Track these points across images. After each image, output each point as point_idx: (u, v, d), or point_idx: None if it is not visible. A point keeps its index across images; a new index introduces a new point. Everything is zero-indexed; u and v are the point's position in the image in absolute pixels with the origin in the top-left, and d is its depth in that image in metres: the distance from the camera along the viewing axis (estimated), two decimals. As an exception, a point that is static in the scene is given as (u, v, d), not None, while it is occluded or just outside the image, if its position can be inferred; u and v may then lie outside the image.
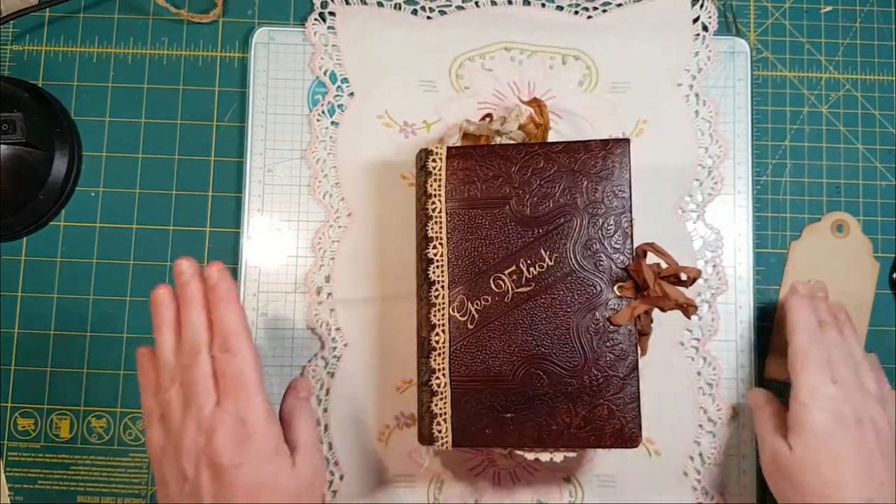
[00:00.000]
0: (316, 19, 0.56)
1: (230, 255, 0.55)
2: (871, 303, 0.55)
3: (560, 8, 0.56)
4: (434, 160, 0.47)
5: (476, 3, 0.56)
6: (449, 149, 0.47)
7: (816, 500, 0.44)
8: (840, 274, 0.55)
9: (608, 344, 0.45)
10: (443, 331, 0.46)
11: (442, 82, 0.55)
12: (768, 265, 0.55)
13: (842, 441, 0.44)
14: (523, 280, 0.46)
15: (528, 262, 0.46)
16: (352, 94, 0.55)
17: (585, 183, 0.46)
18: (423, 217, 0.47)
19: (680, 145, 0.55)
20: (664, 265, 0.45)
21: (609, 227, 0.45)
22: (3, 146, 0.50)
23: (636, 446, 0.45)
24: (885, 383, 0.49)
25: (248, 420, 0.40)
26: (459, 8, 0.56)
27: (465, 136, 0.52)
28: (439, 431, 0.45)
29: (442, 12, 0.56)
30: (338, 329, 0.54)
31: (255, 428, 0.40)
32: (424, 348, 0.46)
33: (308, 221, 0.55)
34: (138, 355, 0.45)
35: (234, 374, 0.40)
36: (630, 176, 0.46)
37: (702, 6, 0.56)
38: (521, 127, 0.51)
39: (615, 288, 0.45)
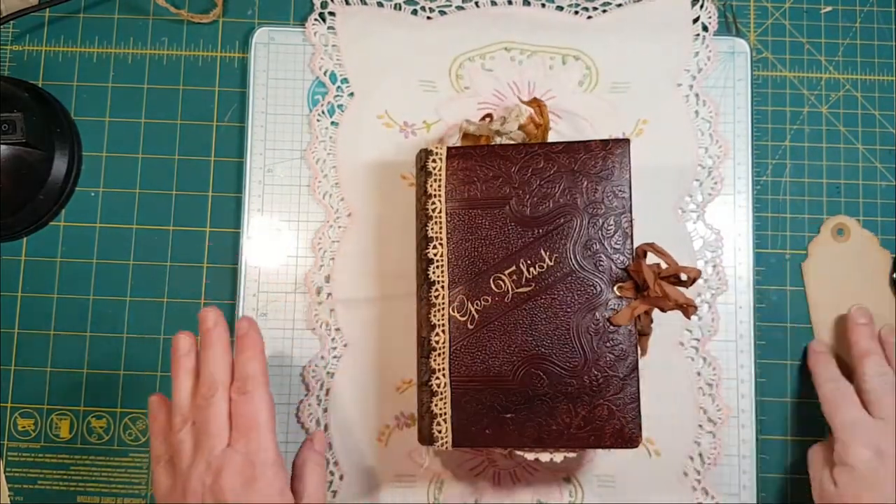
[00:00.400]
0: (316, 19, 0.56)
1: (230, 255, 0.55)
2: (891, 296, 0.55)
3: (560, 8, 0.56)
4: (434, 160, 0.47)
5: (476, 3, 0.56)
6: (449, 149, 0.47)
7: None
8: (856, 276, 0.55)
9: (608, 344, 0.45)
10: (443, 331, 0.46)
11: (442, 82, 0.55)
12: (768, 265, 0.55)
13: (883, 477, 0.45)
14: (523, 280, 0.46)
15: (528, 262, 0.46)
16: (352, 94, 0.55)
17: (585, 183, 0.46)
18: (423, 217, 0.47)
19: (680, 145, 0.55)
20: (664, 265, 0.45)
21: (609, 228, 0.45)
22: (3, 146, 0.50)
23: (636, 446, 0.45)
24: None
25: (257, 462, 0.40)
26: (459, 8, 0.56)
27: (465, 136, 0.52)
28: (439, 431, 0.45)
29: (442, 12, 0.56)
30: (338, 329, 0.54)
31: (262, 470, 0.40)
32: (424, 348, 0.46)
33: (308, 221, 0.55)
34: (150, 402, 0.45)
35: (249, 416, 0.41)
36: (630, 176, 0.46)
37: (702, 6, 0.56)
38: (521, 127, 0.51)
39: (615, 288, 0.45)
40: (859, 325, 0.52)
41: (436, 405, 0.46)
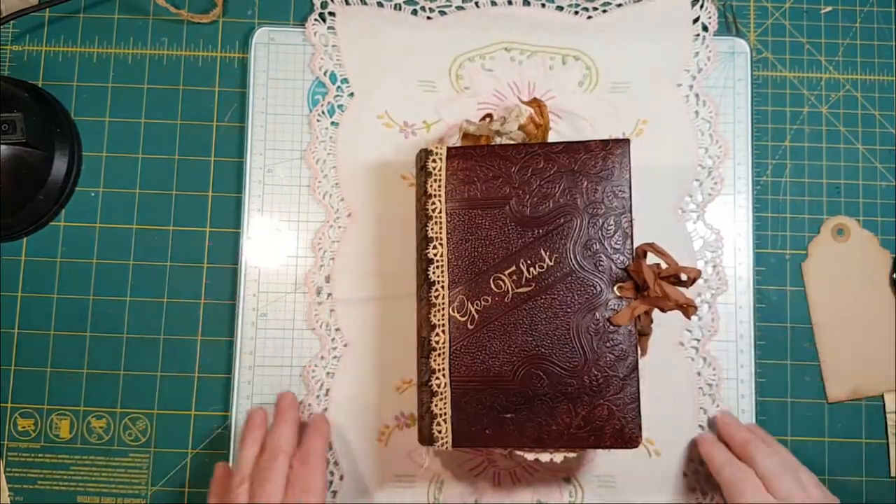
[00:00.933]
0: (316, 19, 0.56)
1: (230, 255, 0.55)
2: (891, 296, 0.55)
3: (560, 8, 0.56)
4: (434, 160, 0.47)
5: (476, 4, 0.56)
6: (449, 149, 0.47)
7: None
8: (856, 276, 0.55)
9: (608, 344, 0.45)
10: (443, 331, 0.46)
11: (442, 82, 0.55)
12: (768, 265, 0.55)
13: None
14: (523, 280, 0.46)
15: (528, 262, 0.46)
16: (352, 94, 0.55)
17: (585, 183, 0.46)
18: (423, 217, 0.47)
19: (680, 145, 0.55)
20: (664, 265, 0.45)
21: (609, 228, 0.45)
22: (3, 146, 0.50)
23: (636, 446, 0.45)
24: (826, 490, 0.48)
25: None
26: (459, 8, 0.56)
27: (465, 136, 0.52)
28: (439, 431, 0.45)
29: (442, 12, 0.56)
30: (338, 329, 0.54)
31: None
32: (424, 348, 0.46)
33: (308, 221, 0.55)
34: (217, 468, 0.50)
35: (306, 482, 0.46)
36: (630, 176, 0.46)
37: (702, 6, 0.56)
38: (521, 127, 0.51)
39: (615, 288, 0.45)
40: (729, 424, 0.52)
41: (436, 405, 0.46)
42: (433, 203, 0.47)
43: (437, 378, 0.46)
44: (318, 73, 0.55)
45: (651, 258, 0.45)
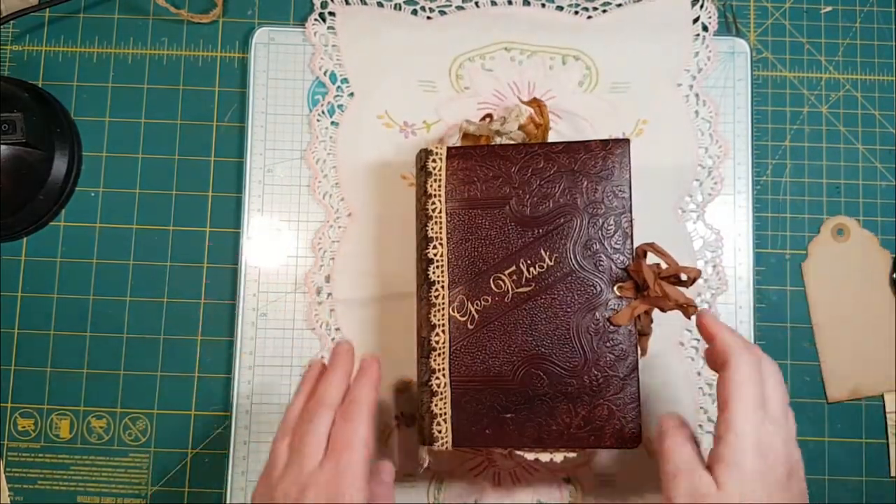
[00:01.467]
0: (316, 19, 0.56)
1: (230, 255, 0.55)
2: (891, 296, 0.55)
3: (560, 8, 0.56)
4: (434, 160, 0.47)
5: (476, 4, 0.56)
6: (449, 149, 0.47)
7: None
8: (856, 276, 0.55)
9: (608, 344, 0.45)
10: (443, 331, 0.46)
11: (442, 82, 0.55)
12: (768, 265, 0.55)
13: (776, 491, 0.39)
14: (523, 280, 0.46)
15: (528, 262, 0.46)
16: (352, 94, 0.55)
17: (585, 183, 0.46)
18: (423, 217, 0.47)
19: (680, 145, 0.55)
20: (664, 265, 0.45)
21: (609, 228, 0.45)
22: (3, 146, 0.50)
23: (636, 446, 0.45)
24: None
25: (343, 484, 0.40)
26: (459, 8, 0.56)
27: (465, 136, 0.52)
28: (439, 431, 0.45)
29: (442, 12, 0.56)
30: (338, 329, 0.54)
31: (346, 492, 0.40)
32: (424, 348, 0.46)
33: (308, 221, 0.55)
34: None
35: (346, 438, 0.41)
36: (630, 176, 0.46)
37: (702, 6, 0.56)
38: (521, 127, 0.51)
39: (615, 288, 0.45)
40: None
41: (436, 405, 0.46)
42: (433, 203, 0.47)
43: (437, 378, 0.46)
44: (318, 73, 0.55)
45: (651, 258, 0.45)
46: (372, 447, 0.42)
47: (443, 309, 0.46)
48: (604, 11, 0.56)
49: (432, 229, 0.47)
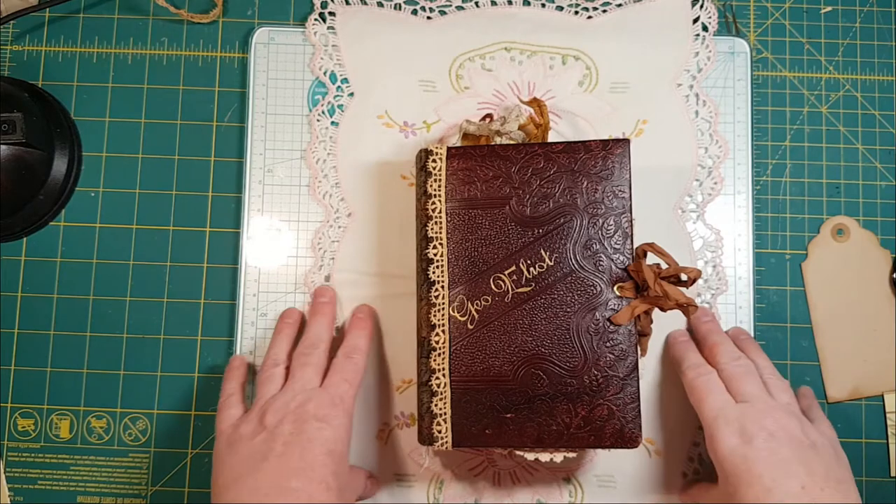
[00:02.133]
0: (316, 19, 0.56)
1: (230, 255, 0.55)
2: (891, 296, 0.55)
3: (560, 8, 0.56)
4: (434, 160, 0.47)
5: (476, 4, 0.56)
6: (449, 149, 0.47)
7: None
8: (856, 276, 0.55)
9: (608, 344, 0.45)
10: (443, 331, 0.46)
11: (442, 82, 0.55)
12: (768, 265, 0.55)
13: (757, 460, 0.42)
14: (523, 280, 0.46)
15: (528, 262, 0.46)
16: (352, 94, 0.55)
17: (585, 183, 0.46)
18: (423, 217, 0.47)
19: (680, 145, 0.55)
20: (664, 265, 0.45)
21: (609, 228, 0.45)
22: (3, 146, 0.50)
23: (636, 446, 0.45)
24: (794, 397, 0.47)
25: (340, 405, 0.45)
26: (459, 8, 0.56)
27: (465, 136, 0.52)
28: (439, 431, 0.45)
29: (442, 12, 0.56)
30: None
31: (341, 411, 0.45)
32: (424, 348, 0.46)
33: (308, 221, 0.55)
34: (232, 359, 0.52)
35: (348, 373, 0.47)
36: (630, 176, 0.46)
37: (702, 6, 0.56)
38: (521, 127, 0.51)
39: (615, 288, 0.45)
40: (705, 322, 0.51)
41: (436, 405, 0.46)
42: (433, 203, 0.47)
43: (437, 378, 0.46)
44: (318, 73, 0.55)
45: (651, 258, 0.45)
46: (360, 386, 0.48)
47: (443, 309, 0.46)
48: (604, 11, 0.56)
49: (432, 229, 0.47)
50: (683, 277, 0.45)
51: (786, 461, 0.42)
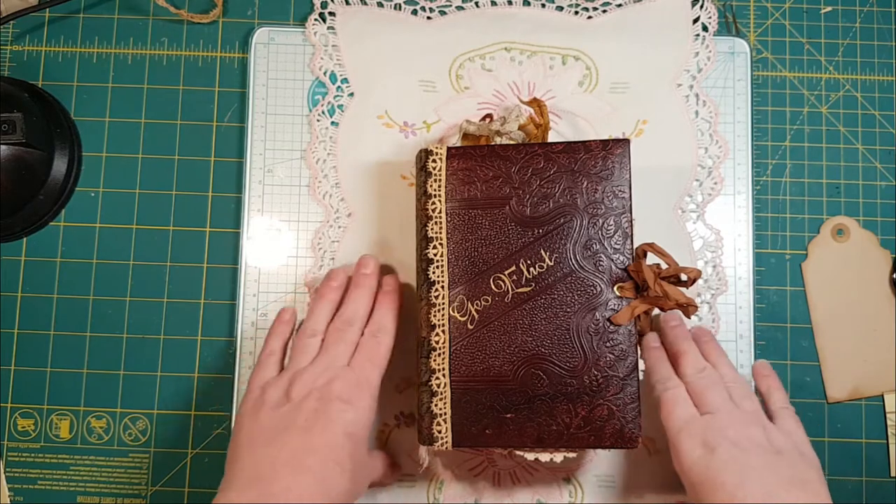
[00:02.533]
0: (316, 19, 0.56)
1: (230, 255, 0.55)
2: (891, 296, 0.55)
3: (560, 8, 0.56)
4: (434, 160, 0.47)
5: (476, 4, 0.56)
6: (449, 149, 0.47)
7: None
8: (856, 276, 0.55)
9: (608, 344, 0.45)
10: (443, 331, 0.46)
11: (442, 82, 0.55)
12: (768, 265, 0.55)
13: (723, 471, 0.42)
14: (523, 280, 0.46)
15: (528, 262, 0.46)
16: (352, 94, 0.55)
17: (585, 183, 0.46)
18: (423, 217, 0.47)
19: (680, 146, 0.55)
20: (664, 265, 0.46)
21: (609, 228, 0.45)
22: (3, 146, 0.50)
23: (636, 447, 0.45)
24: (758, 404, 0.47)
25: (364, 386, 0.46)
26: (459, 8, 0.56)
27: (465, 136, 0.52)
28: (439, 431, 0.45)
29: (442, 12, 0.56)
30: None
31: (366, 393, 0.46)
32: (424, 348, 0.46)
33: (308, 221, 0.55)
34: (281, 312, 0.52)
35: (373, 353, 0.47)
36: (630, 176, 0.46)
37: (702, 6, 0.56)
38: (521, 127, 0.51)
39: (615, 288, 0.45)
40: (672, 328, 0.50)
41: (436, 405, 0.46)
42: (433, 203, 0.47)
43: (437, 378, 0.46)
44: (318, 73, 0.55)
45: (651, 258, 0.45)
46: (385, 365, 0.48)
47: (443, 309, 0.46)
48: (604, 11, 0.56)
49: (432, 229, 0.47)
50: (683, 277, 0.45)
51: (749, 468, 0.42)
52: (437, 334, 0.46)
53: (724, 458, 0.42)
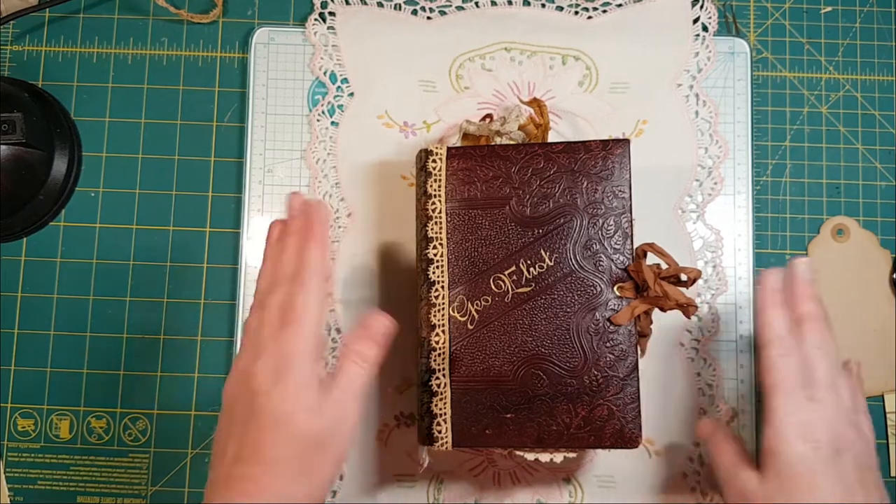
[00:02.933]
0: (316, 19, 0.56)
1: (230, 255, 0.55)
2: (891, 296, 0.55)
3: (560, 8, 0.56)
4: (434, 160, 0.47)
5: (476, 4, 0.56)
6: (449, 149, 0.47)
7: None
8: (856, 276, 0.55)
9: (608, 344, 0.45)
10: (443, 331, 0.46)
11: (442, 82, 0.55)
12: (768, 265, 0.55)
13: (821, 474, 0.40)
14: (523, 280, 0.46)
15: (528, 262, 0.46)
16: (352, 94, 0.55)
17: (585, 183, 0.46)
18: (423, 217, 0.47)
19: (680, 146, 0.55)
20: (664, 265, 0.45)
21: (609, 228, 0.45)
22: (3, 146, 0.50)
23: (636, 447, 0.45)
24: (858, 392, 0.45)
25: (292, 354, 0.39)
26: (459, 8, 0.56)
27: (465, 136, 0.52)
28: (439, 432, 0.45)
29: (442, 12, 0.56)
30: (338, 329, 0.54)
31: (295, 363, 0.38)
32: (424, 348, 0.46)
33: (308, 221, 0.55)
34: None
35: (295, 307, 0.39)
36: (630, 176, 0.46)
37: (702, 6, 0.56)
38: (521, 127, 0.51)
39: (615, 288, 0.45)
40: (802, 282, 0.45)
41: (436, 405, 0.46)
42: (433, 203, 0.47)
43: (437, 378, 0.46)
44: (318, 73, 0.55)
45: (651, 258, 0.45)
46: (322, 312, 0.40)
47: (443, 309, 0.46)
48: (604, 11, 0.56)
49: (432, 229, 0.47)
50: (683, 277, 0.45)
51: (849, 483, 0.40)
52: (437, 334, 0.46)
53: (826, 463, 0.40)
